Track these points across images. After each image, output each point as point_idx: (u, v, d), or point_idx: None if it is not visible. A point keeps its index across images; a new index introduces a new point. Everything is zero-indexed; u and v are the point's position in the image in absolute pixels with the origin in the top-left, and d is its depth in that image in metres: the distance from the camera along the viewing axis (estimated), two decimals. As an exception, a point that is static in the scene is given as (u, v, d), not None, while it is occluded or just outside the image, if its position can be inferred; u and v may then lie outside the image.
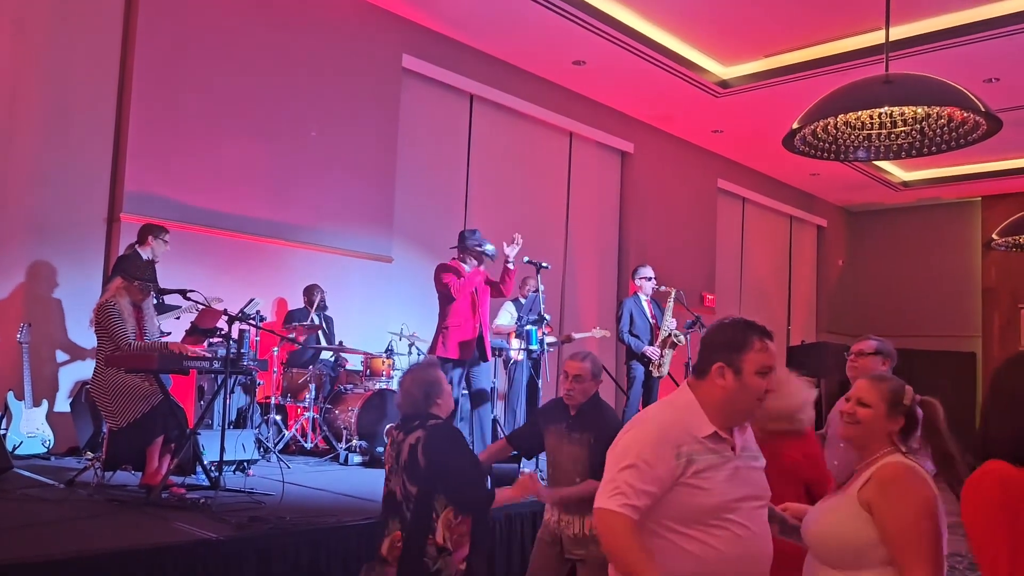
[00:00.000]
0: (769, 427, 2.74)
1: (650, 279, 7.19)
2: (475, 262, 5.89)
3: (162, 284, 5.09)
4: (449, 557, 2.94)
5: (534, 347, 6.34)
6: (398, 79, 7.96)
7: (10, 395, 5.35)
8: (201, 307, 5.35)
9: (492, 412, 6.19)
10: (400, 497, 3.01)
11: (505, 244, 5.83)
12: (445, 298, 5.78)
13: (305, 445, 6.28)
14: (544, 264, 6.25)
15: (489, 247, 5.84)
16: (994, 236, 7.77)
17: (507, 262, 5.81)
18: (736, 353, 2.05)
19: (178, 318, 5.85)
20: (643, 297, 7.17)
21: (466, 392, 5.99)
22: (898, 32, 7.35)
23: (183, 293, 5.02)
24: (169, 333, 5.75)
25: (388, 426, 3.25)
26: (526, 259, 6.09)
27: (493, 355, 6.27)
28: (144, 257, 5.47)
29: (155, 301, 5.12)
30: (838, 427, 2.30)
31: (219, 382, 4.98)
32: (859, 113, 4.33)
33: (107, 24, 6.24)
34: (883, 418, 2.13)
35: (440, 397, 3.13)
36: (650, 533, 1.99)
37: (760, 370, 2.05)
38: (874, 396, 2.17)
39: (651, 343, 7.01)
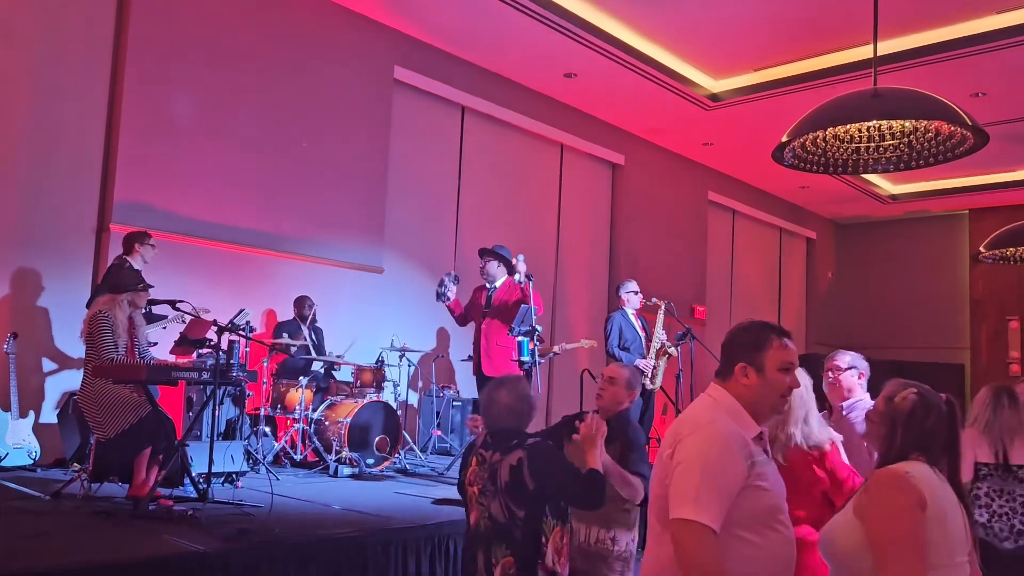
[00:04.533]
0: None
1: (636, 293, 7.22)
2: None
3: (151, 294, 5.07)
4: None
5: (525, 358, 6.33)
6: (390, 90, 7.98)
7: (-4, 406, 5.31)
8: (190, 318, 5.32)
9: None
10: (505, 521, 2.85)
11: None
12: None
13: (295, 457, 6.24)
14: (529, 274, 6.43)
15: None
16: (981, 249, 7.81)
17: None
18: (757, 352, 2.11)
19: (164, 328, 5.81)
20: (630, 311, 7.19)
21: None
22: (886, 47, 7.44)
23: (173, 303, 5.00)
24: (155, 343, 5.72)
25: (472, 446, 3.09)
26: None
27: None
28: (135, 267, 5.44)
29: (144, 311, 5.09)
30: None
31: (208, 393, 4.94)
32: (848, 126, 4.36)
33: (97, 34, 6.23)
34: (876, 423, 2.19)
35: (534, 411, 3.07)
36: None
37: (782, 366, 2.10)
38: (879, 400, 2.24)
39: (643, 356, 7.01)
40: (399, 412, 6.59)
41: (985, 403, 4.25)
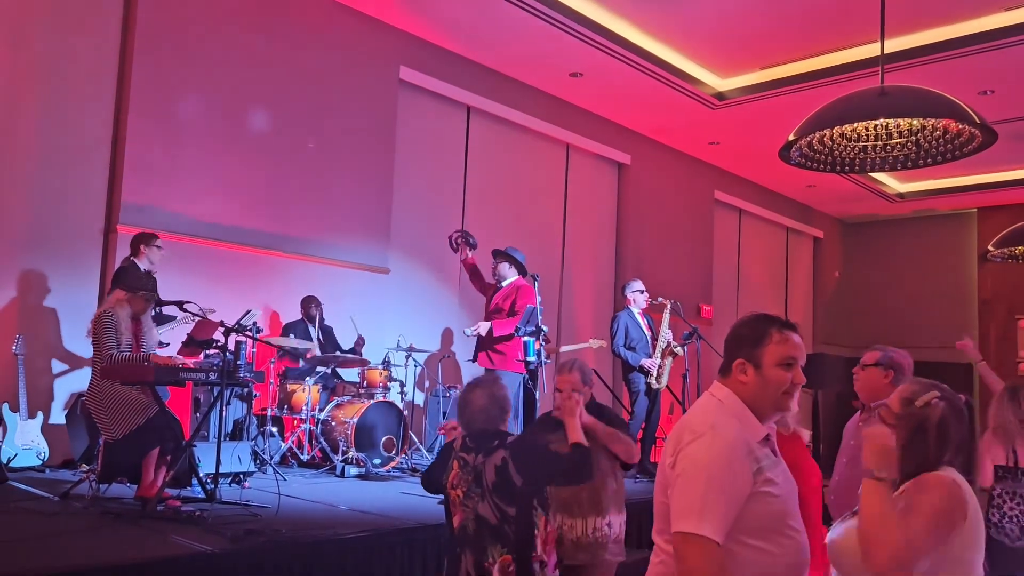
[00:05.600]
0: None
1: (642, 292, 7.23)
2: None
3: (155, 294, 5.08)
4: (546, 568, 2.95)
5: (531, 359, 6.33)
6: (395, 91, 7.98)
7: (4, 407, 5.33)
8: (198, 318, 5.34)
9: None
10: (497, 521, 2.90)
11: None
12: None
13: (302, 457, 6.26)
14: (534, 275, 6.44)
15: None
16: (990, 248, 7.79)
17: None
18: (755, 347, 1.98)
19: (172, 329, 5.82)
20: (636, 310, 7.19)
21: None
22: (893, 45, 7.40)
23: (180, 304, 5.01)
24: (167, 344, 5.74)
25: (455, 451, 3.10)
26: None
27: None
28: (143, 268, 5.45)
29: (152, 313, 5.10)
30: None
31: (215, 394, 4.96)
32: (855, 125, 4.35)
33: (105, 36, 6.25)
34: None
35: (508, 412, 3.14)
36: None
37: (781, 362, 1.96)
38: (893, 400, 2.15)
39: (649, 355, 7.00)
40: (405, 412, 6.59)
41: (1001, 402, 4.19)
